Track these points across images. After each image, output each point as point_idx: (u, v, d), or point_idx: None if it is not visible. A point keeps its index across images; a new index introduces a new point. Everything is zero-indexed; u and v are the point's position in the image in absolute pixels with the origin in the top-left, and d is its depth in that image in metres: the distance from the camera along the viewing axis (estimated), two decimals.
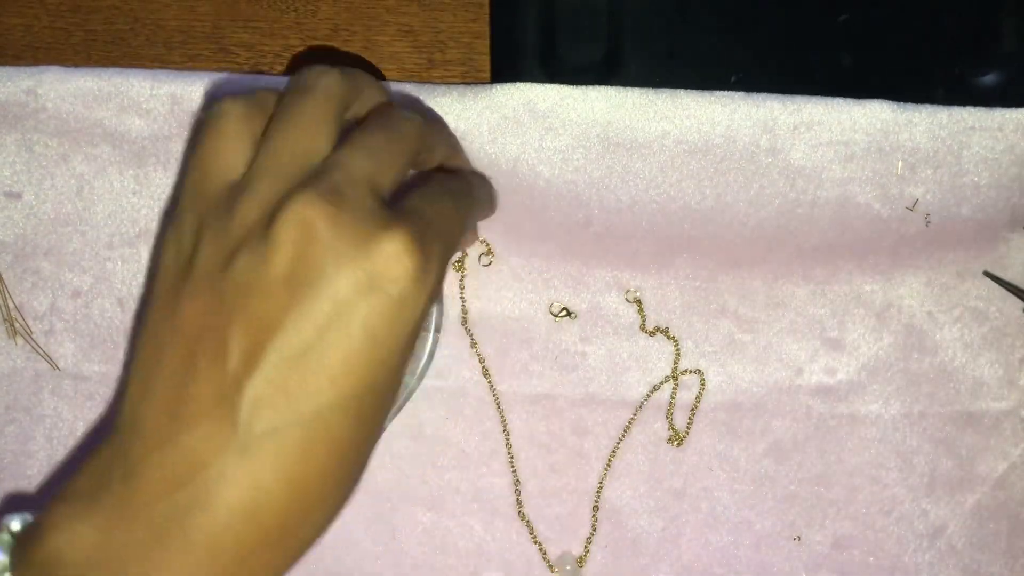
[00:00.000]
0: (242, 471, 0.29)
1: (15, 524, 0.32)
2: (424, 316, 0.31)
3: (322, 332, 0.29)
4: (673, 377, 0.44)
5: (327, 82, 0.33)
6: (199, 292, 0.30)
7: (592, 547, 0.44)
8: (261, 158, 0.32)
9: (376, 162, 0.32)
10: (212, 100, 0.34)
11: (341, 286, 0.29)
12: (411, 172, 0.35)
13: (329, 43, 0.43)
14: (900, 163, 0.42)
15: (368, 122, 0.34)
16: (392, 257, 0.30)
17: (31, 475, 0.44)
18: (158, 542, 0.29)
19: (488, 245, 0.44)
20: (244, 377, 0.29)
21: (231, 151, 0.32)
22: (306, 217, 0.29)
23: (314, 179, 0.30)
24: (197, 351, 0.30)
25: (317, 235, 0.29)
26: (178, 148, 0.42)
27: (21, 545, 0.31)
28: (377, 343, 0.30)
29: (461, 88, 0.41)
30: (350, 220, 0.30)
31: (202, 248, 0.31)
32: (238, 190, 0.31)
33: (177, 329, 0.30)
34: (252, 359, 0.29)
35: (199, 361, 0.30)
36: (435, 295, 0.32)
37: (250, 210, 0.30)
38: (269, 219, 0.30)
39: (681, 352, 0.44)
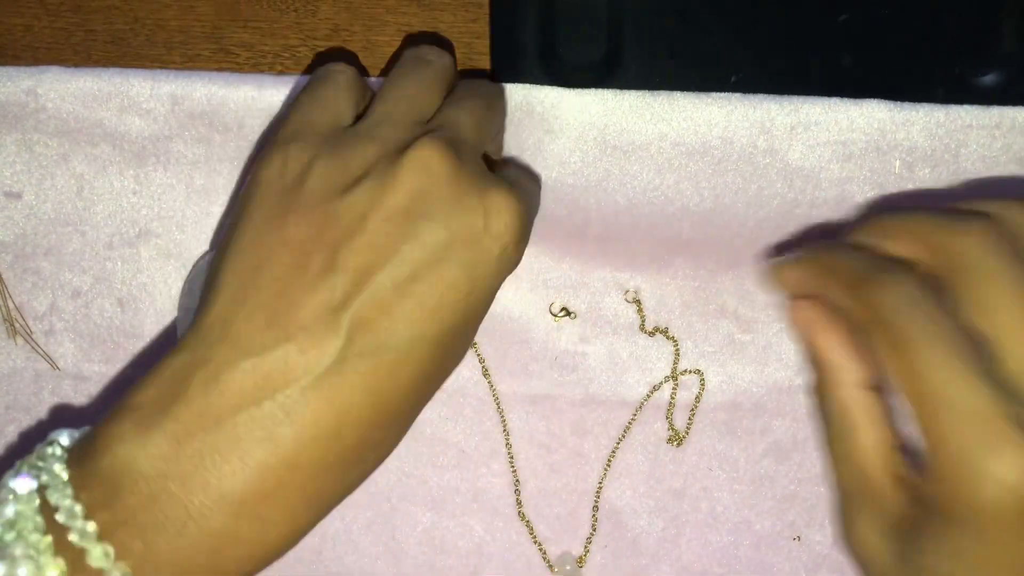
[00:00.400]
0: (334, 387, 0.30)
1: (63, 439, 0.32)
2: (502, 281, 0.34)
3: (431, 266, 0.31)
4: (673, 377, 0.44)
5: (445, 61, 0.37)
6: (310, 212, 0.31)
7: (592, 547, 0.44)
8: (381, 106, 0.35)
9: (478, 126, 0.35)
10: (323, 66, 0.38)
11: (455, 227, 0.31)
12: None
13: (329, 43, 0.43)
14: (898, 162, 0.42)
15: (470, 86, 0.37)
16: (503, 213, 0.32)
17: None
18: (239, 452, 0.29)
19: None
20: (352, 296, 0.30)
21: (343, 101, 0.35)
22: (431, 159, 0.31)
23: (436, 131, 0.33)
24: (304, 265, 0.31)
25: (440, 177, 0.31)
26: (178, 148, 0.43)
27: (79, 459, 0.30)
28: (475, 288, 0.32)
29: None
30: (469, 172, 0.32)
31: (314, 174, 0.32)
32: (357, 132, 0.34)
33: (282, 243, 0.31)
34: (362, 280, 0.30)
35: (305, 275, 0.30)
36: (515, 267, 0.34)
37: (370, 147, 0.33)
38: (394, 156, 0.32)
39: (681, 352, 0.44)
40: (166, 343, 0.44)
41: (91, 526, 0.29)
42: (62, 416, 0.44)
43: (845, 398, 0.32)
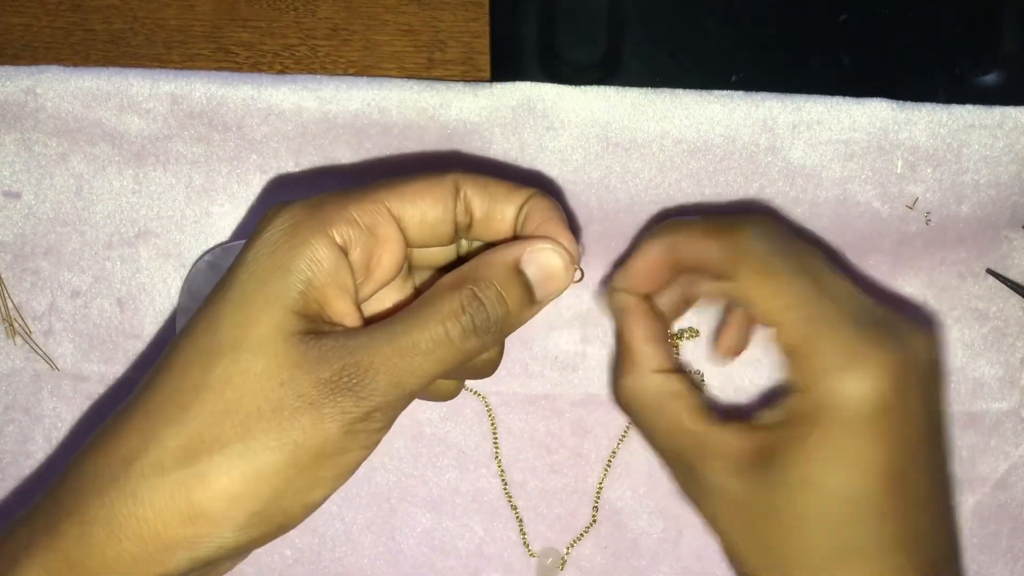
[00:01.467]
0: None
1: None
2: None
3: None
4: None
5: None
6: None
7: (592, 547, 0.44)
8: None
9: None
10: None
11: None
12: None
13: (329, 42, 0.43)
14: (900, 161, 0.42)
15: None
16: None
17: (30, 476, 0.44)
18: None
19: None
20: None
21: None
22: None
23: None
24: None
25: None
26: (177, 148, 0.42)
27: None
28: None
29: (461, 86, 0.41)
30: None
31: None
32: None
33: None
34: None
35: None
36: None
37: None
38: None
39: (681, 352, 0.44)
40: (165, 343, 0.44)
41: None
42: (61, 416, 0.44)
43: (657, 380, 0.34)
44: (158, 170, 0.43)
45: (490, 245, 0.33)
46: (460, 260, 0.34)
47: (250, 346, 0.29)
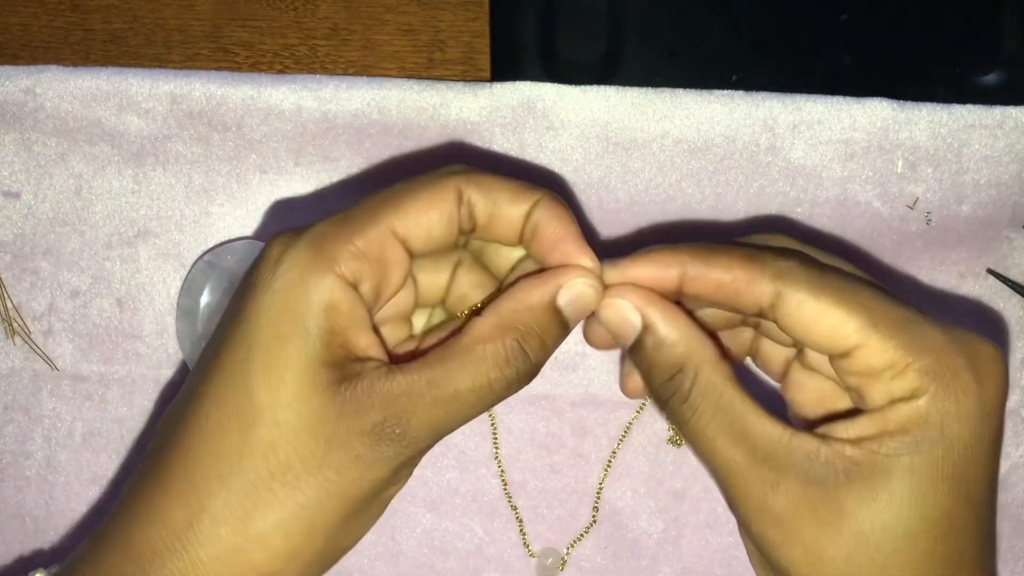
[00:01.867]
0: None
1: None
2: None
3: None
4: None
5: None
6: None
7: (592, 547, 0.44)
8: None
9: None
10: None
11: None
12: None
13: (329, 42, 0.43)
14: (900, 161, 0.42)
15: None
16: None
17: (29, 476, 0.44)
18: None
19: None
20: None
21: None
22: None
23: None
24: None
25: None
26: (177, 147, 0.42)
27: None
28: None
29: (461, 86, 0.41)
30: None
31: None
32: None
33: None
34: None
35: None
36: None
37: None
38: None
39: None
40: (164, 344, 0.44)
41: None
42: (60, 416, 0.44)
43: (722, 373, 0.30)
44: (158, 170, 0.43)
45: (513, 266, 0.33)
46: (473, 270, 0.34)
47: (287, 406, 0.28)
